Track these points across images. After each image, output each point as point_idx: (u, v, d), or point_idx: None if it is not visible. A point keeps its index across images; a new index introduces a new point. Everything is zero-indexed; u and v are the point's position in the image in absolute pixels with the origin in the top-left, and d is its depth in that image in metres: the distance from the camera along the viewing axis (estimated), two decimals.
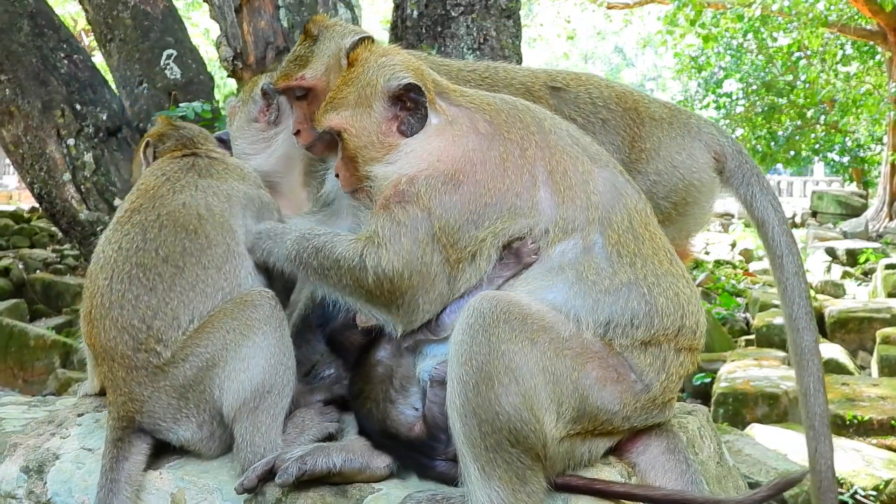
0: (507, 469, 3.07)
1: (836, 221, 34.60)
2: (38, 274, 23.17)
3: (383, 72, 3.57)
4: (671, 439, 3.48)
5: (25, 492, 3.70)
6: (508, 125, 3.49)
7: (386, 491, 3.33)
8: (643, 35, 40.29)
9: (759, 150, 39.69)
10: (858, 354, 16.85)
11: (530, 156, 3.42)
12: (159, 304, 3.59)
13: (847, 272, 23.99)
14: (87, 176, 8.31)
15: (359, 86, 3.58)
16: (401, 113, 3.53)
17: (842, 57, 35.78)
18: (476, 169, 3.36)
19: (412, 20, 7.99)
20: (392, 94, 3.52)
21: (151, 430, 3.60)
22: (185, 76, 9.38)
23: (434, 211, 3.31)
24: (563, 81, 4.46)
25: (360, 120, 3.55)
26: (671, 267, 3.47)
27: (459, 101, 3.58)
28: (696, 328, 3.45)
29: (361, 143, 3.55)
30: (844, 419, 11.86)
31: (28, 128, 8.27)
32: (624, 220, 3.43)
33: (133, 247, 3.69)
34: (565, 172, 3.42)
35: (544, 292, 3.28)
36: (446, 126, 3.48)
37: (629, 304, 3.29)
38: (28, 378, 14.98)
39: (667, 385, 3.36)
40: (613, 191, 3.49)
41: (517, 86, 4.37)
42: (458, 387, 3.09)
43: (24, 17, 8.36)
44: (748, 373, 13.49)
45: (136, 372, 3.57)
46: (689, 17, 30.63)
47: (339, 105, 3.60)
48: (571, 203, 3.38)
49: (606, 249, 3.35)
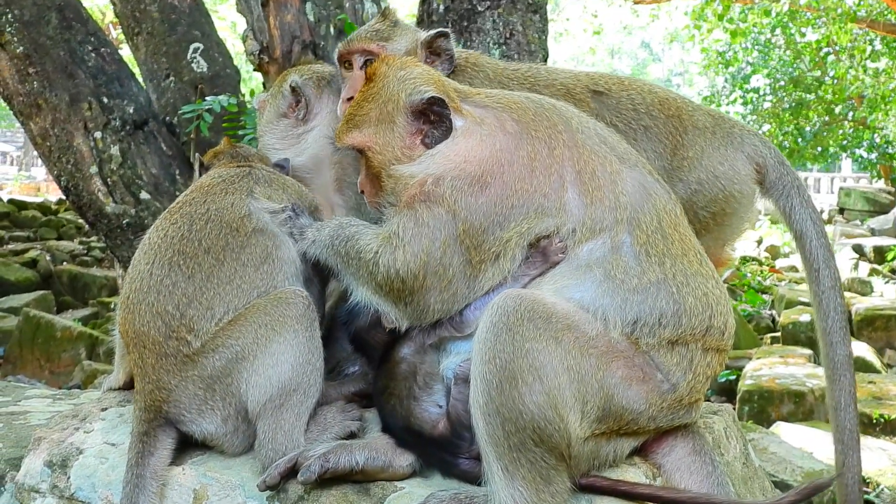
0: (530, 469, 3.06)
1: (864, 218, 34.29)
2: (65, 266, 23.32)
3: (404, 86, 3.56)
4: (697, 440, 3.46)
5: (49, 486, 3.72)
6: (536, 123, 3.47)
7: (409, 490, 3.32)
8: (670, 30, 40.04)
9: (787, 146, 39.44)
10: (885, 353, 16.72)
11: (558, 155, 3.40)
12: (195, 293, 3.63)
13: (874, 269, 23.77)
14: (113, 169, 8.34)
15: (380, 102, 3.58)
16: (424, 126, 3.52)
17: (871, 53, 35.41)
18: (504, 170, 3.34)
19: (438, 14, 7.97)
20: (415, 109, 3.51)
21: (176, 422, 3.60)
22: (212, 69, 9.41)
23: (459, 213, 3.30)
24: (605, 86, 4.42)
25: (384, 136, 3.55)
26: (700, 267, 3.44)
27: (485, 102, 3.57)
28: (725, 329, 3.42)
29: (386, 159, 3.54)
30: (871, 418, 11.77)
31: (56, 120, 8.31)
32: (653, 221, 3.41)
33: (178, 235, 3.76)
34: (594, 173, 3.40)
35: (571, 291, 3.26)
36: (473, 127, 3.46)
37: (657, 303, 3.27)
38: (54, 370, 15.06)
39: (693, 385, 3.33)
40: (642, 191, 3.46)
41: (558, 87, 4.35)
42: (482, 385, 3.07)
43: (53, 10, 8.39)
44: (774, 370, 13.41)
45: (166, 360, 3.59)
46: (717, 12, 30.47)
47: (362, 122, 3.59)
48: (600, 203, 3.35)
49: (635, 249, 3.32)
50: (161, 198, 8.28)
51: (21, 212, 28.32)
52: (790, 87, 38.90)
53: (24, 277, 21.22)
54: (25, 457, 3.89)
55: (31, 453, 3.86)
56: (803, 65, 38.49)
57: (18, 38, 8.21)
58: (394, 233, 3.35)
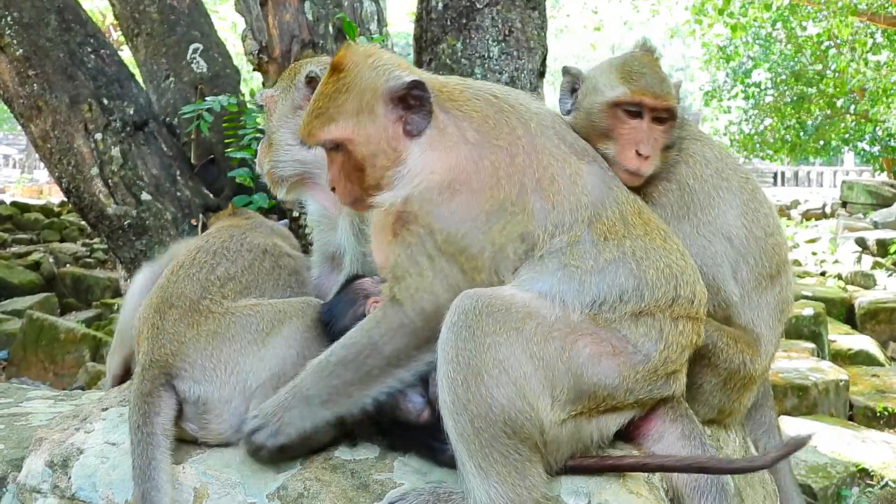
0: (504, 463, 3.06)
1: (867, 211, 34.26)
2: (68, 268, 23.33)
3: (380, 72, 3.46)
4: (686, 424, 3.48)
5: (50, 486, 3.73)
6: (496, 131, 3.45)
7: (408, 486, 3.33)
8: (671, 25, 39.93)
9: (789, 140, 39.45)
10: (889, 345, 16.73)
11: (519, 164, 3.39)
12: (236, 274, 3.97)
13: (877, 262, 23.79)
14: (114, 170, 8.33)
15: (355, 91, 3.44)
16: (404, 112, 3.42)
17: (872, 46, 35.37)
18: (471, 178, 3.33)
19: (437, 12, 7.97)
20: (395, 95, 3.42)
21: (176, 376, 3.65)
22: (212, 70, 9.41)
23: (434, 225, 3.28)
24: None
25: (366, 127, 3.42)
26: (664, 243, 3.50)
27: (447, 107, 3.49)
28: (694, 297, 3.46)
29: (370, 151, 3.43)
30: (874, 411, 11.80)
31: (56, 122, 8.30)
32: (615, 213, 3.47)
33: (220, 239, 4.17)
34: (553, 177, 3.42)
35: (528, 284, 3.28)
36: (437, 136, 3.42)
37: (616, 279, 3.30)
38: (58, 371, 15.07)
39: (668, 355, 3.35)
40: (602, 186, 3.52)
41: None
42: (447, 385, 3.09)
43: (52, 11, 8.39)
44: (777, 364, 13.40)
45: (191, 315, 3.77)
46: (718, 6, 30.38)
47: (338, 115, 3.45)
48: (560, 207, 3.38)
49: (593, 238, 3.37)
50: (162, 198, 8.28)
51: (24, 214, 28.31)
52: (791, 81, 38.88)
53: (27, 280, 21.24)
54: (27, 457, 3.90)
55: (32, 454, 3.87)
56: (804, 58, 38.46)
57: (18, 40, 8.21)
58: (395, 272, 3.33)
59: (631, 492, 3.25)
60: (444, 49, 7.88)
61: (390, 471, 3.46)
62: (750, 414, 4.36)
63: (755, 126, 40.52)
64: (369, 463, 3.51)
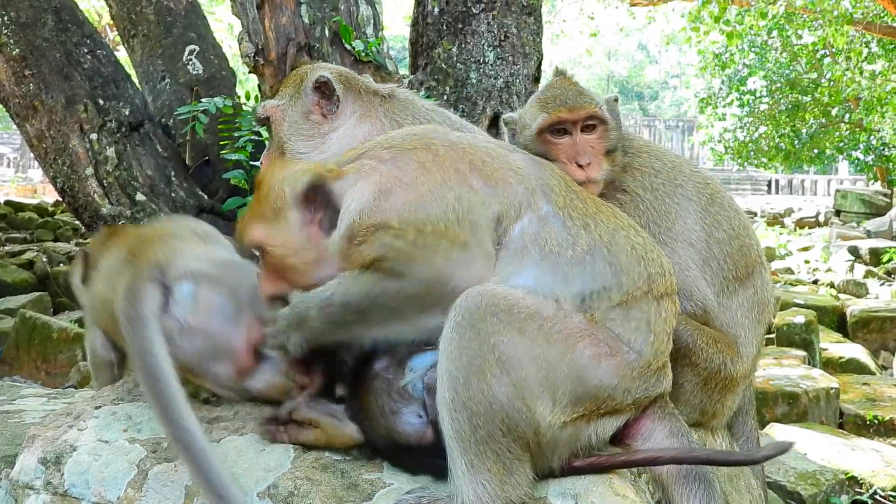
0: (496, 461, 3.09)
1: (860, 220, 34.34)
2: (62, 267, 23.24)
3: (286, 181, 3.55)
4: (674, 423, 3.50)
5: (43, 483, 3.74)
6: (410, 142, 3.53)
7: (398, 485, 3.35)
8: (667, 32, 40.04)
9: (783, 148, 39.50)
10: (880, 354, 16.73)
11: (443, 155, 3.45)
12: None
13: (870, 271, 23.81)
14: (109, 171, 8.35)
15: (269, 201, 3.57)
16: (317, 213, 3.50)
17: (867, 55, 35.48)
18: (399, 177, 3.38)
19: (433, 17, 8.02)
20: (301, 198, 3.50)
21: (163, 273, 3.78)
22: (208, 71, 9.44)
23: (386, 220, 3.30)
24: None
25: (280, 232, 3.52)
26: (616, 219, 3.56)
27: (355, 156, 3.60)
28: (663, 271, 3.51)
29: (287, 252, 3.52)
30: (865, 419, 11.82)
31: (51, 122, 8.32)
32: (561, 184, 3.53)
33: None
34: (483, 161, 3.47)
35: (515, 278, 3.29)
36: (353, 176, 3.49)
37: (595, 268, 3.33)
38: (51, 371, 15.04)
39: (657, 347, 3.39)
40: (535, 163, 3.59)
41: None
42: (448, 382, 3.10)
43: (49, 12, 8.41)
44: (768, 371, 13.41)
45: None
46: (714, 14, 30.47)
47: (256, 222, 3.59)
48: (504, 182, 3.42)
49: (559, 215, 3.40)
50: (157, 199, 8.29)
51: (18, 213, 28.27)
52: (787, 90, 38.97)
53: (20, 279, 21.20)
54: (20, 454, 3.91)
55: (25, 451, 3.89)
56: (800, 67, 38.58)
57: (14, 40, 8.22)
58: (371, 259, 3.32)
59: (617, 494, 3.27)
60: (440, 54, 7.91)
61: (380, 470, 3.47)
62: (732, 421, 4.39)
63: (750, 133, 40.57)
64: (359, 463, 3.52)
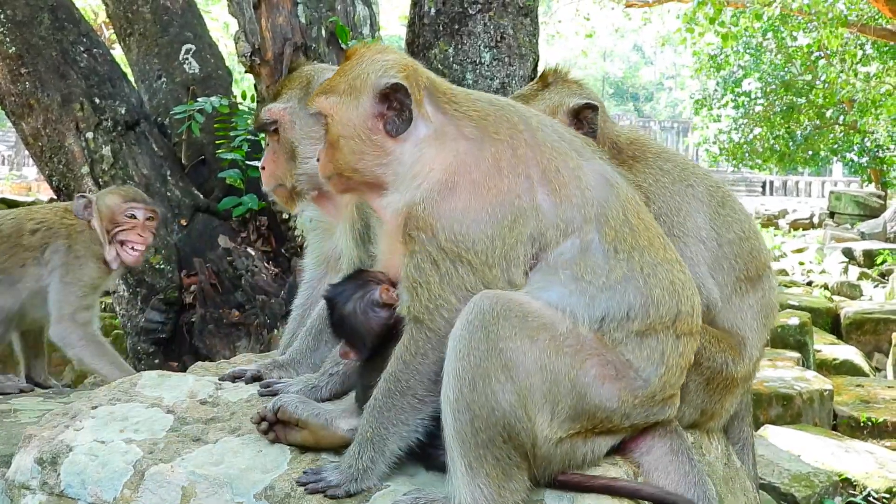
0: (495, 465, 3.09)
1: (854, 222, 34.38)
2: None
3: (374, 67, 3.50)
4: (675, 440, 3.50)
5: (39, 483, 3.74)
6: (496, 126, 3.44)
7: (394, 487, 3.35)
8: (662, 33, 40.04)
9: (778, 150, 39.52)
10: (874, 356, 16.75)
11: (521, 155, 3.38)
12: None
13: (864, 273, 23.85)
14: (104, 169, 8.36)
15: (351, 76, 3.51)
16: (387, 112, 3.44)
17: (861, 57, 35.49)
18: (471, 170, 3.32)
19: (430, 17, 8.02)
20: (379, 92, 3.44)
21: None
22: (204, 71, 9.45)
23: (436, 225, 3.26)
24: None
25: (346, 109, 3.47)
26: (666, 253, 3.49)
27: (445, 109, 3.50)
28: (693, 311, 3.47)
29: (345, 132, 3.47)
30: (859, 421, 11.83)
31: (47, 121, 8.33)
32: (619, 213, 3.42)
33: None
34: (557, 170, 3.40)
35: (539, 291, 3.26)
36: (433, 137, 3.43)
37: (625, 297, 3.29)
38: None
39: (667, 380, 3.36)
40: (604, 183, 3.48)
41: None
42: (454, 381, 3.09)
43: (45, 10, 8.42)
44: (762, 373, 13.39)
45: None
46: (709, 15, 30.43)
47: (330, 90, 3.54)
48: (568, 201, 3.35)
49: (604, 247, 3.34)
50: (152, 198, 8.28)
51: None
52: (781, 91, 38.95)
53: None
54: (16, 454, 3.91)
55: (21, 451, 3.89)
56: (794, 69, 38.54)
57: (11, 38, 8.24)
58: (412, 286, 3.30)
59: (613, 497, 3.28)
60: (436, 54, 7.91)
61: None
62: (728, 426, 4.39)
63: (744, 135, 40.55)
64: None
